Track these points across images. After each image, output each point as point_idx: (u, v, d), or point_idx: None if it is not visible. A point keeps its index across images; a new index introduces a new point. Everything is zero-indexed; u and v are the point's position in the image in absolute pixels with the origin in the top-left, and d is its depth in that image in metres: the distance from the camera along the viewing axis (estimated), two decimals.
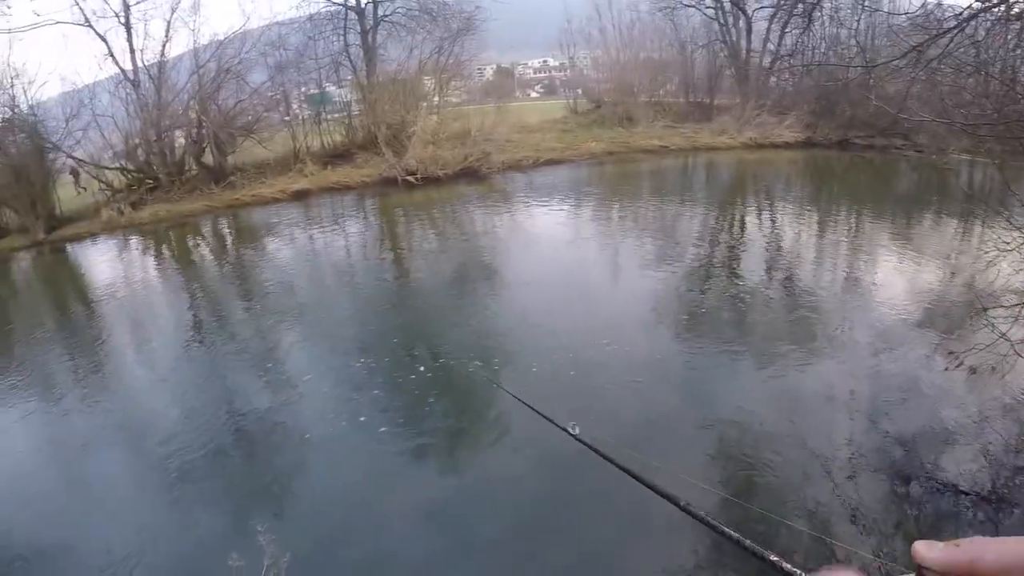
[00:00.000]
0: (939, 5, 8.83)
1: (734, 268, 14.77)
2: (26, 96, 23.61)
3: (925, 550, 0.65)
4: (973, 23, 7.31)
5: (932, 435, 7.77)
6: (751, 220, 19.55)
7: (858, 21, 29.27)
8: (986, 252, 13.71)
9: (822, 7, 30.38)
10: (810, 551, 6.10)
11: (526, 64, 54.05)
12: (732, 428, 8.17)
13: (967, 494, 6.81)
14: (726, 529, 1.96)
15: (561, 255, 16.19)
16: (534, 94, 50.57)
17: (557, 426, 3.45)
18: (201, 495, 7.96)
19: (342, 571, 6.46)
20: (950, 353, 9.64)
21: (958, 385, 8.90)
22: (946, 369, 9.23)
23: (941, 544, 0.64)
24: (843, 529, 6.36)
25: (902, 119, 19.63)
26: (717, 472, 7.41)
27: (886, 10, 24.91)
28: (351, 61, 29.03)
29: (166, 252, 21.20)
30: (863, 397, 8.74)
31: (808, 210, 20.23)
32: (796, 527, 6.13)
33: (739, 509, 6.18)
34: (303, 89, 30.31)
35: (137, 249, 21.59)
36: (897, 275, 13.40)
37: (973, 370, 9.01)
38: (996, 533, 5.23)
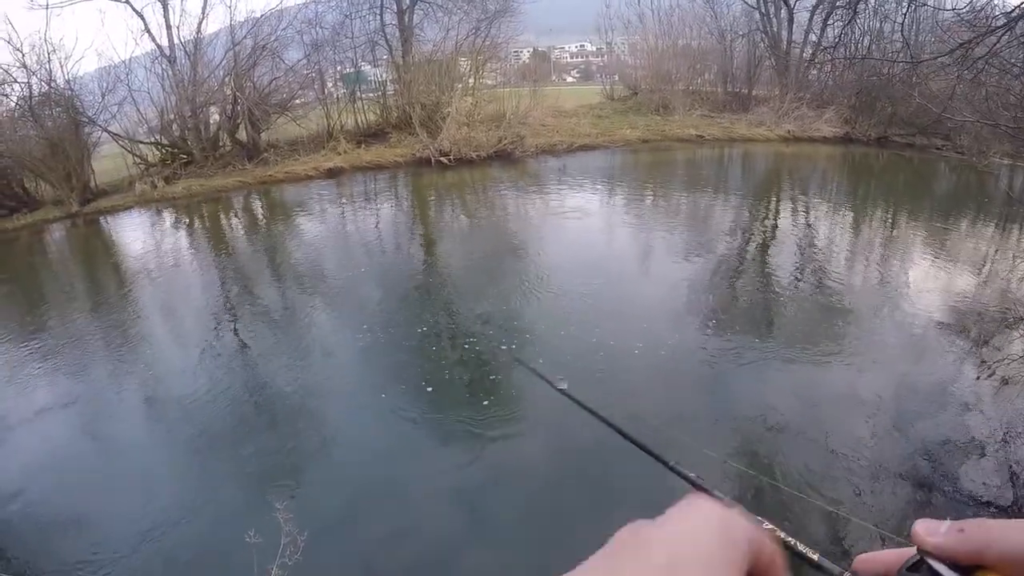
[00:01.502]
0: (989, 3, 8.48)
1: (765, 263, 14.38)
2: (63, 70, 23.73)
3: (926, 532, 0.58)
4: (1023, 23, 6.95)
5: (957, 444, 7.54)
6: (785, 215, 19.03)
7: (904, 16, 28.47)
8: None
9: (868, 1, 29.70)
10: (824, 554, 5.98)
11: (563, 48, 53.55)
12: (754, 423, 8.01)
13: (989, 507, 6.61)
14: (716, 493, 1.73)
15: (591, 242, 15.94)
16: (570, 79, 50.00)
17: (545, 380, 3.26)
18: (222, 468, 7.97)
19: (359, 548, 6.40)
20: (982, 362, 9.39)
21: (988, 395, 8.64)
22: (977, 378, 9.02)
23: (944, 526, 0.58)
24: (863, 533, 6.18)
25: (945, 119, 19.09)
26: (734, 465, 7.18)
27: (932, 5, 24.29)
28: (387, 41, 28.75)
29: (198, 226, 21.22)
30: (889, 401, 8.46)
31: (843, 207, 19.65)
32: (811, 528, 6.09)
33: (754, 507, 5.94)
34: (338, 68, 30.13)
35: (170, 222, 21.64)
36: (931, 279, 12.93)
37: (1005, 381, 8.75)
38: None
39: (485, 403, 8.81)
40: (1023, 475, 7.03)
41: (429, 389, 9.45)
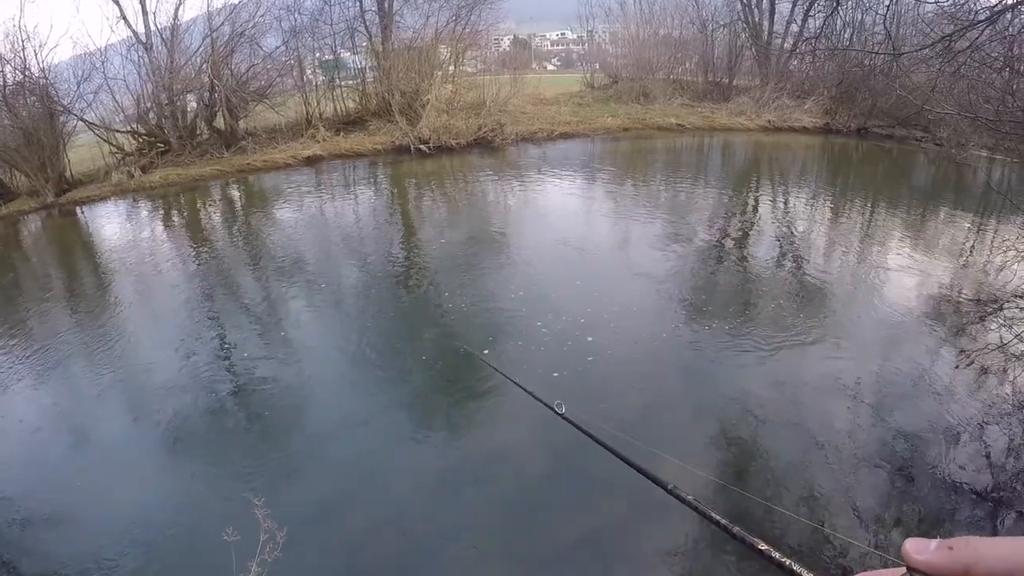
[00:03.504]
0: None
1: (743, 251, 14.54)
2: (37, 59, 23.30)
3: (915, 551, 0.62)
4: (1006, 17, 7.08)
5: (936, 432, 7.67)
6: (764, 204, 19.20)
7: (887, 7, 28.54)
8: (1004, 251, 13.56)
9: None
10: (805, 540, 6.18)
11: (543, 36, 53.30)
12: (732, 412, 8.11)
13: (967, 493, 6.76)
14: (714, 515, 1.84)
15: (571, 230, 15.99)
16: (550, 67, 49.80)
17: (543, 403, 3.35)
18: (198, 463, 7.95)
19: (340, 544, 6.46)
20: (961, 351, 9.56)
21: (967, 383, 8.80)
22: (956, 367, 9.17)
23: (932, 544, 0.62)
24: (841, 520, 6.32)
25: (926, 111, 19.23)
26: (713, 455, 7.39)
27: None
28: (366, 27, 28.51)
29: (176, 216, 21.15)
30: (868, 390, 8.61)
31: (822, 197, 19.83)
32: (793, 516, 6.16)
33: (735, 494, 6.24)
34: (317, 55, 29.89)
35: (147, 212, 21.55)
36: (909, 268, 13.12)
37: (984, 369, 8.91)
38: (994, 532, 5.13)
39: (461, 393, 9.01)
40: (999, 461, 7.21)
41: (404, 378, 9.57)
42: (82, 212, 21.79)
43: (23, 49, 22.81)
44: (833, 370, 9.06)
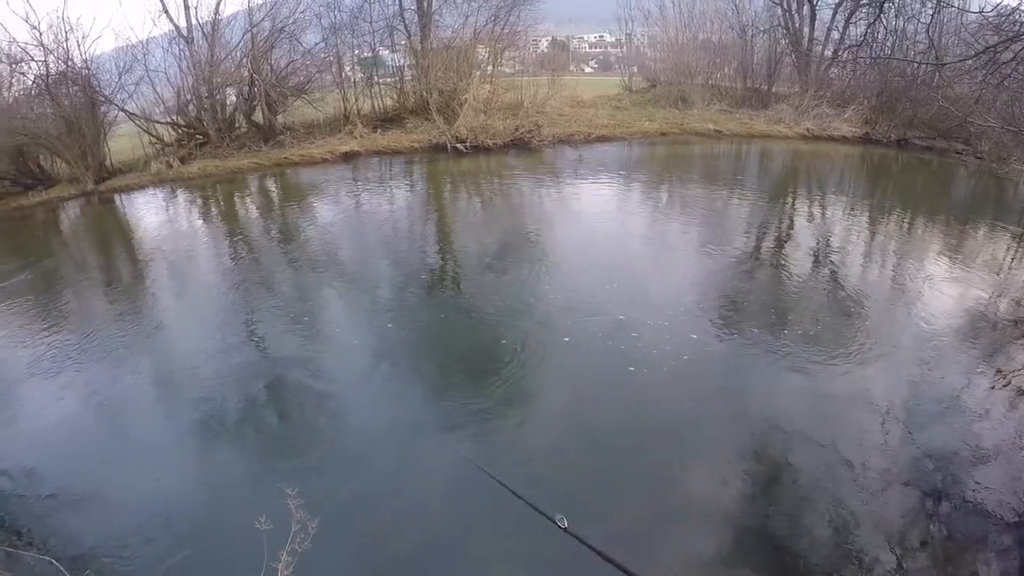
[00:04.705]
0: (1017, 7, 8.28)
1: (779, 261, 14.13)
2: (80, 50, 23.64)
3: None
4: None
5: (968, 454, 7.43)
6: (801, 214, 18.72)
7: (931, 16, 27.97)
8: None
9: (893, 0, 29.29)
10: (830, 557, 6.05)
11: (582, 38, 53.16)
12: (763, 424, 7.97)
13: (996, 518, 6.51)
14: None
15: (605, 234, 15.69)
16: (588, 69, 49.64)
17: (546, 517, 3.22)
18: (232, 451, 8.01)
19: (369, 535, 6.45)
20: (997, 371, 9.21)
21: (1001, 405, 8.49)
22: (992, 387, 8.87)
23: None
24: (868, 540, 6.17)
25: (967, 123, 18.73)
26: (743, 467, 7.25)
27: (956, 6, 23.85)
28: (405, 26, 28.47)
29: (212, 206, 21.19)
30: (900, 407, 8.33)
31: (860, 209, 19.26)
32: (818, 532, 6.22)
33: (763, 510, 6.35)
34: (356, 52, 29.93)
35: (184, 202, 21.59)
36: (946, 284, 12.65)
37: (1021, 391, 8.61)
38: (1021, 561, 4.66)
39: (490, 391, 8.85)
40: None
41: (436, 372, 9.55)
42: (120, 200, 21.91)
43: (66, 40, 23.16)
44: (866, 385, 8.79)
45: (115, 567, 6.26)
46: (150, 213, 20.47)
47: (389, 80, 30.00)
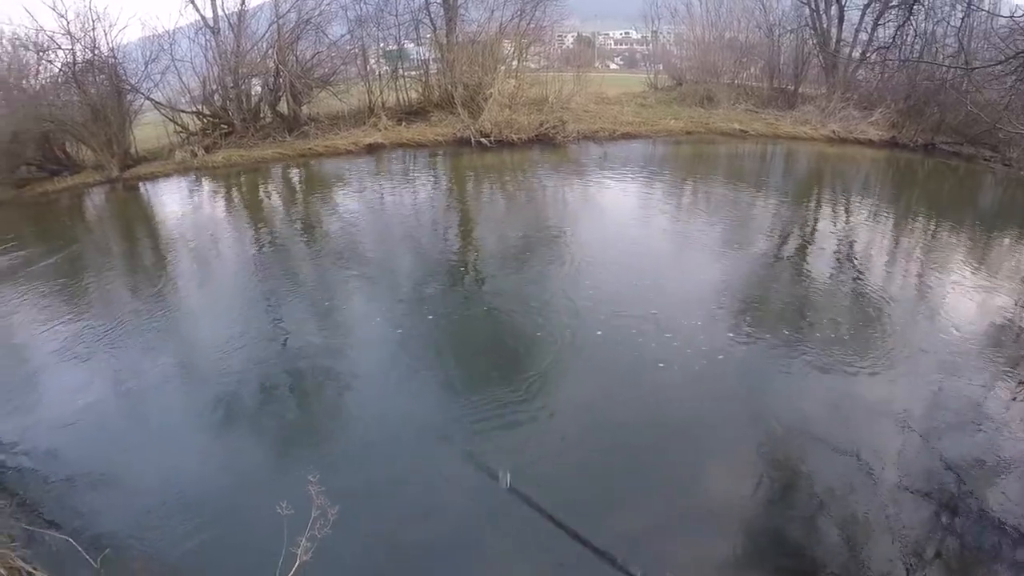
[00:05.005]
0: None
1: (801, 265, 13.84)
2: (107, 38, 23.78)
3: None
4: None
5: (985, 466, 7.26)
6: (825, 217, 18.29)
7: (961, 20, 27.48)
8: None
9: (923, 1, 28.83)
10: (845, 567, 5.97)
11: (607, 35, 52.89)
12: (779, 428, 7.86)
13: (1013, 533, 6.34)
14: None
15: (628, 232, 15.53)
16: (613, 65, 49.39)
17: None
18: (254, 438, 8.00)
19: (388, 524, 6.40)
20: (1020, 382, 8.99)
21: (1021, 417, 8.27)
22: (1013, 399, 8.66)
23: None
24: (881, 549, 6.08)
25: (996, 129, 18.33)
26: (758, 470, 7.16)
27: (987, 10, 23.41)
28: (431, 19, 28.39)
29: (236, 195, 21.21)
30: (921, 415, 8.15)
31: (884, 214, 18.91)
32: (831, 539, 6.18)
33: (777, 513, 6.39)
34: (381, 45, 29.89)
35: (208, 190, 21.62)
36: (969, 293, 12.32)
37: None
38: None
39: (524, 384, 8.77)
40: None
41: (456, 366, 9.51)
42: (145, 187, 22.00)
43: (93, 29, 23.29)
44: (887, 391, 8.64)
45: (135, 548, 6.21)
46: (174, 201, 20.51)
47: (414, 73, 29.94)
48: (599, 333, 10.00)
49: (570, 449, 7.40)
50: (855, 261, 14.26)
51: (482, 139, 24.98)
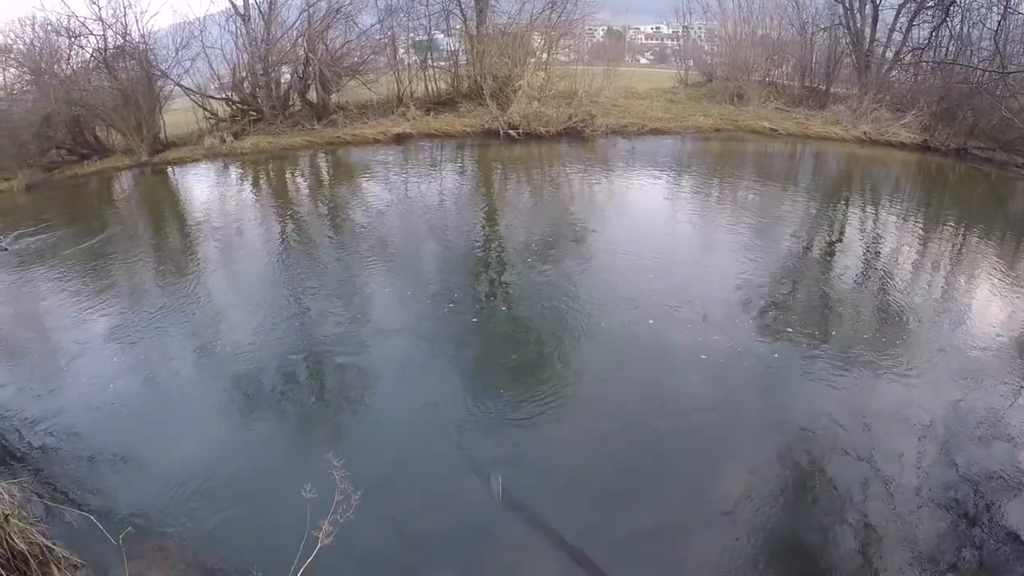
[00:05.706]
0: None
1: (827, 267, 13.56)
2: (138, 25, 24.12)
3: None
4: None
5: (1006, 478, 7.06)
6: (853, 220, 17.82)
7: (999, 22, 26.78)
8: None
9: (959, 2, 28.22)
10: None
11: (638, 29, 52.43)
12: (799, 433, 7.75)
13: None
14: None
15: (654, 228, 15.39)
16: (643, 60, 48.96)
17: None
18: (276, 422, 8.03)
19: (409, 508, 6.43)
20: None
21: None
22: None
23: None
24: (897, 558, 5.98)
25: None
26: (776, 474, 7.05)
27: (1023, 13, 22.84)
28: (461, 10, 28.30)
29: (263, 181, 21.27)
30: (941, 425, 7.93)
31: (914, 218, 18.43)
32: (842, 547, 6.10)
33: (793, 519, 6.34)
34: (411, 35, 29.87)
35: (236, 176, 21.72)
36: (996, 302, 11.95)
37: None
38: None
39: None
40: None
41: (477, 355, 9.54)
42: (173, 172, 22.16)
43: (124, 15, 23.66)
44: (908, 399, 8.43)
45: (156, 527, 6.20)
46: (202, 185, 20.66)
47: (443, 64, 29.86)
48: (636, 326, 9.89)
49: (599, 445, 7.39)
50: (882, 265, 13.91)
51: (510, 131, 24.79)
